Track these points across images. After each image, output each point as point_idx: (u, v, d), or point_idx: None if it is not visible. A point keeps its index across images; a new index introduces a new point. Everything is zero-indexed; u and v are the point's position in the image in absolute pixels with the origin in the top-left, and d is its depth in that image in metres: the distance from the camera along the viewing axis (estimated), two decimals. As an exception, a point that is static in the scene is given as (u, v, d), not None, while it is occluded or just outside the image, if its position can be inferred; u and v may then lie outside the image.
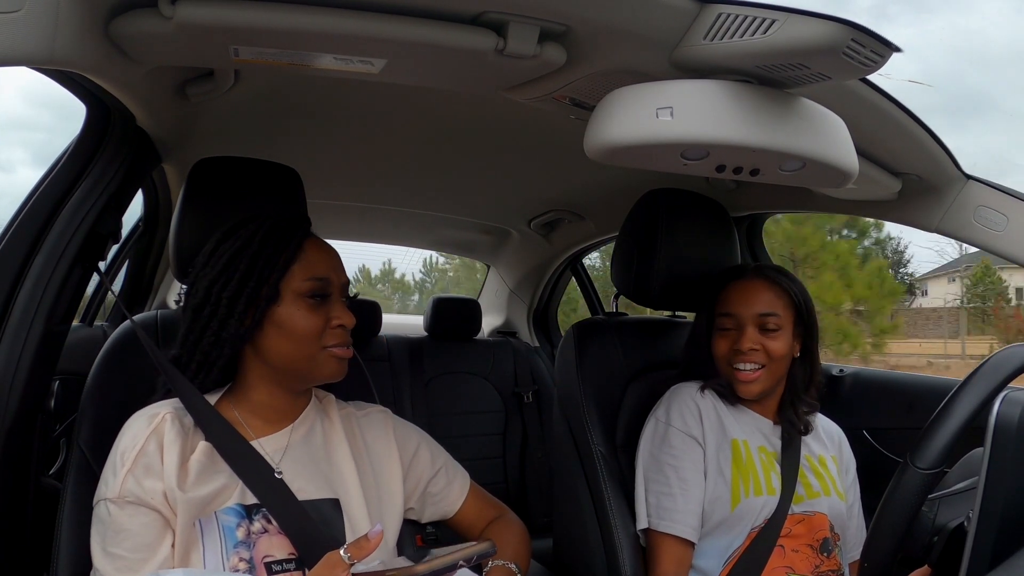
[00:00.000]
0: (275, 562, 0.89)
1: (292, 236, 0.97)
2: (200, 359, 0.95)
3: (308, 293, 0.95)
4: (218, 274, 0.94)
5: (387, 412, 1.10)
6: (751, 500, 1.19)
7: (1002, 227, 1.21)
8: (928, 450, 0.87)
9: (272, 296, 0.94)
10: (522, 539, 1.10)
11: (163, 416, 0.91)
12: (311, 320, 0.95)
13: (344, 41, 0.88)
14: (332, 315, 0.97)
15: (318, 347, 0.95)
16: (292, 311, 0.94)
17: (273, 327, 0.94)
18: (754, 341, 1.22)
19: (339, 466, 0.99)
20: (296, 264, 0.95)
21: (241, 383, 0.99)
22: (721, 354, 1.26)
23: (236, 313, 0.93)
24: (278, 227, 0.97)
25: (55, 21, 0.73)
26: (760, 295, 1.25)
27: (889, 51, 0.76)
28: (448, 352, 2.48)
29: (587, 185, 1.95)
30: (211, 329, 0.93)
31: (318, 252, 0.98)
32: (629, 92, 0.86)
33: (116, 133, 1.12)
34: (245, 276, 0.93)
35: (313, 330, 0.95)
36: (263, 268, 0.94)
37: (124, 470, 0.86)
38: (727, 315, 1.26)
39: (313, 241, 0.99)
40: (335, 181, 1.98)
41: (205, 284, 0.95)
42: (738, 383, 1.24)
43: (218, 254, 0.96)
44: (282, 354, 0.95)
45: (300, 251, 0.96)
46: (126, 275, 2.23)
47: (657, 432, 1.26)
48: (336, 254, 1.01)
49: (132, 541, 0.85)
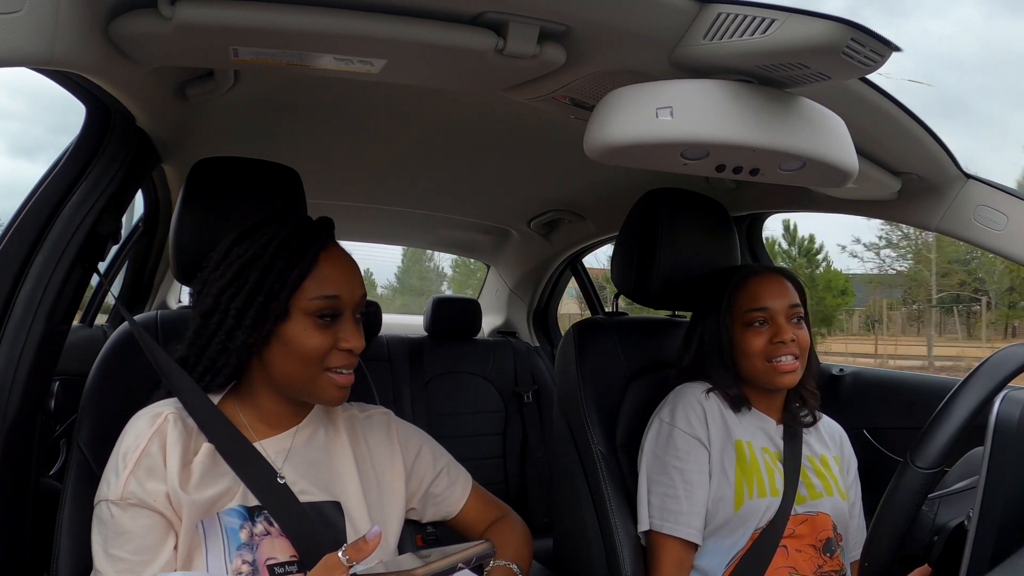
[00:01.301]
0: (278, 564, 0.89)
1: (308, 248, 0.92)
2: (207, 363, 0.93)
3: (317, 312, 0.91)
4: (228, 283, 0.92)
5: (390, 414, 1.10)
6: (755, 502, 1.19)
7: (1002, 227, 1.21)
8: (928, 450, 0.87)
9: (281, 313, 0.91)
10: (524, 540, 1.10)
11: (165, 416, 0.90)
12: (317, 340, 0.91)
13: (344, 41, 0.88)
14: (341, 336, 0.93)
15: (320, 368, 0.92)
16: (299, 329, 0.91)
17: (279, 343, 0.92)
18: (791, 332, 1.23)
19: (341, 468, 0.99)
20: (308, 280, 0.91)
21: (247, 386, 0.97)
22: (757, 350, 1.24)
23: (244, 326, 0.90)
24: (294, 236, 0.93)
25: (55, 22, 0.72)
26: (786, 287, 1.27)
27: (889, 50, 0.76)
28: (448, 352, 2.48)
29: (587, 185, 1.95)
30: (218, 338, 0.92)
31: (333, 267, 0.94)
32: (629, 92, 0.86)
33: (116, 133, 1.12)
34: (255, 289, 0.90)
35: (318, 350, 0.91)
36: (274, 282, 0.90)
37: (126, 471, 0.86)
38: (758, 310, 1.25)
39: (329, 254, 0.94)
40: (335, 181, 1.98)
41: (214, 291, 0.92)
42: (778, 375, 1.23)
43: (230, 259, 0.93)
44: (285, 371, 0.93)
45: (314, 266, 0.92)
46: (126, 276, 2.23)
47: (661, 433, 1.26)
48: (353, 266, 0.97)
49: (134, 543, 0.84)
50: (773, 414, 1.29)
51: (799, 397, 1.29)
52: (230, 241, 0.96)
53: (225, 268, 0.93)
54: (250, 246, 0.93)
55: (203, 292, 0.95)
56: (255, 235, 0.94)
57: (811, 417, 1.30)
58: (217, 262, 0.95)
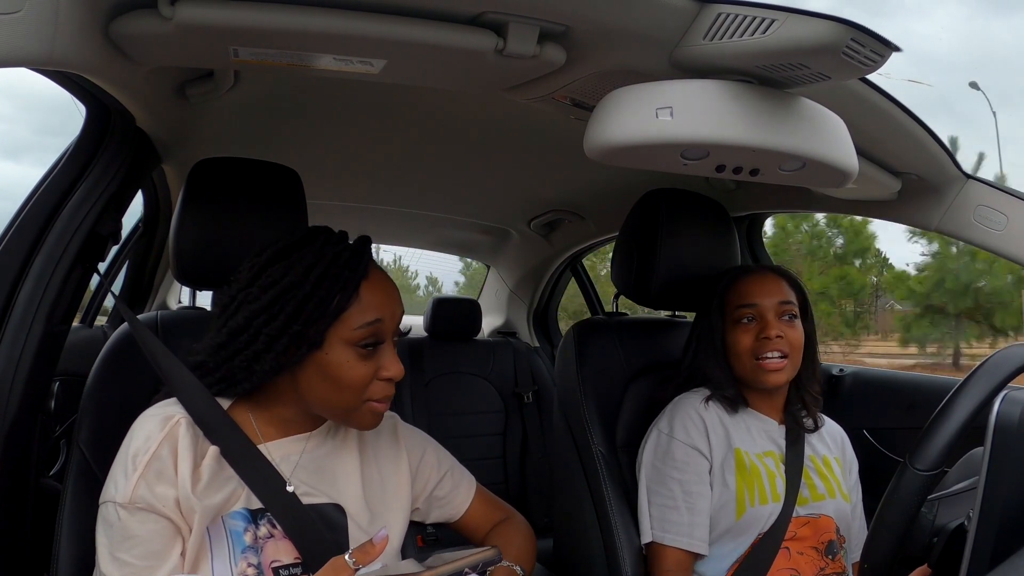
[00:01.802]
0: (282, 567, 0.88)
1: (351, 276, 0.87)
2: (226, 374, 0.90)
3: (360, 342, 0.87)
4: (262, 307, 0.87)
5: (396, 417, 1.09)
6: (757, 509, 1.19)
7: (1002, 227, 1.21)
8: (927, 451, 0.87)
9: (317, 342, 0.87)
10: (527, 541, 1.09)
11: (177, 420, 0.87)
12: (359, 370, 0.88)
13: (344, 41, 0.88)
14: (382, 365, 0.89)
15: (361, 399, 0.89)
16: (340, 359, 0.87)
17: (316, 368, 0.88)
18: (779, 329, 1.22)
19: (346, 471, 0.98)
20: (349, 310, 0.87)
21: (266, 394, 0.93)
22: (744, 347, 1.24)
23: (274, 351, 0.86)
24: (336, 263, 0.88)
25: (55, 22, 0.72)
26: (777, 284, 1.26)
27: (889, 51, 0.76)
28: (448, 352, 2.48)
29: (587, 185, 1.95)
30: (244, 356, 0.88)
31: (375, 292, 0.89)
32: (629, 92, 0.86)
33: (116, 134, 1.12)
34: (292, 317, 0.86)
35: (360, 382, 0.88)
36: (312, 312, 0.86)
37: (136, 475, 0.83)
38: (747, 306, 1.25)
39: (370, 280, 0.90)
40: (335, 182, 1.98)
41: (246, 313, 0.87)
42: (764, 374, 1.22)
43: (264, 282, 0.88)
44: (321, 397, 0.90)
45: (356, 296, 0.88)
46: (126, 276, 2.23)
47: (660, 444, 1.25)
48: (394, 288, 0.93)
49: (141, 548, 0.83)
50: (774, 415, 1.29)
51: (800, 400, 1.29)
52: (265, 259, 0.90)
53: (259, 291, 0.88)
54: (287, 270, 0.88)
55: (232, 309, 0.90)
56: (293, 257, 0.89)
57: (812, 421, 1.29)
58: (249, 279, 0.90)
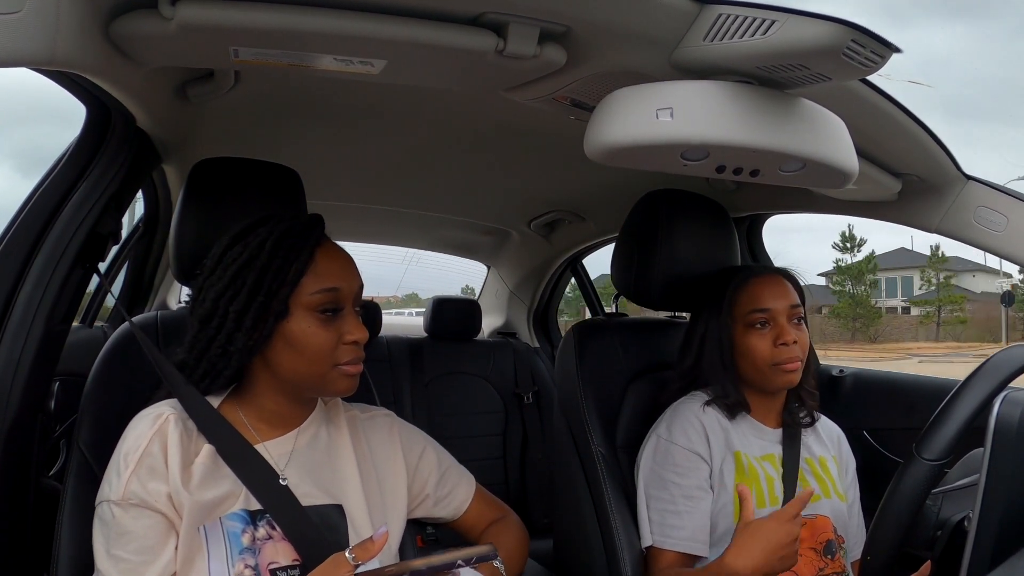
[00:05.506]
0: (280, 568, 0.89)
1: (303, 245, 0.92)
2: (207, 367, 0.93)
3: (319, 308, 0.92)
4: (225, 286, 0.91)
5: (392, 415, 1.10)
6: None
7: (1002, 227, 1.21)
8: (935, 441, 0.86)
9: (282, 311, 0.91)
10: (518, 542, 1.09)
11: (166, 417, 0.90)
12: (322, 336, 0.91)
13: (344, 42, 0.88)
14: (345, 330, 0.93)
15: (329, 364, 0.92)
16: (303, 327, 0.91)
17: (283, 342, 0.91)
18: (794, 335, 1.22)
19: (343, 471, 0.98)
20: (307, 276, 0.92)
21: (248, 388, 0.97)
22: (762, 351, 1.23)
23: (244, 328, 0.90)
24: (289, 234, 0.93)
25: (55, 22, 0.72)
26: (787, 288, 1.26)
27: (889, 52, 0.76)
28: (448, 353, 2.48)
29: (587, 185, 1.95)
30: (218, 341, 0.91)
31: (330, 260, 0.94)
32: (629, 93, 0.86)
33: (116, 134, 1.12)
34: (253, 290, 0.90)
35: (325, 347, 0.92)
36: (272, 281, 0.90)
37: (128, 472, 0.85)
38: (760, 311, 1.23)
39: (325, 249, 0.95)
40: (335, 182, 1.98)
41: (212, 296, 0.92)
42: (782, 375, 1.22)
43: (225, 262, 0.93)
44: (293, 369, 0.93)
45: (311, 261, 0.92)
46: (126, 276, 2.23)
47: (659, 449, 1.25)
48: (349, 259, 0.98)
49: (136, 543, 0.84)
50: (771, 419, 1.29)
51: (798, 397, 1.29)
52: (224, 245, 0.95)
53: (221, 272, 0.92)
54: (245, 247, 0.92)
55: (200, 297, 0.94)
56: (249, 236, 0.94)
57: (809, 418, 1.30)
58: (212, 266, 0.94)
